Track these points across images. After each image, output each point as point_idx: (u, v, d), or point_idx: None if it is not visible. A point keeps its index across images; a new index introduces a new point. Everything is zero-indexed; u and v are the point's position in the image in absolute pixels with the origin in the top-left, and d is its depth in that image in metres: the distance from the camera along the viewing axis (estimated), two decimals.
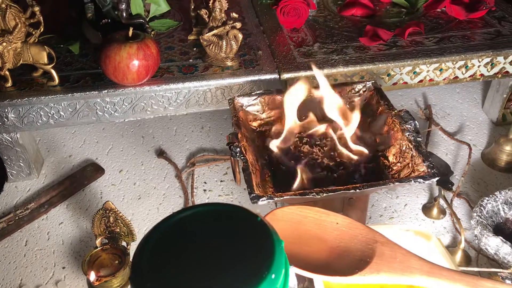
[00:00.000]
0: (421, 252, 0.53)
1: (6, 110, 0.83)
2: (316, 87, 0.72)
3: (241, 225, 0.42)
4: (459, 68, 0.91)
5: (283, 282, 0.40)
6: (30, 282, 0.76)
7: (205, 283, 0.37)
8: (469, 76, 0.92)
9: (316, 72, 0.71)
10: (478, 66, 0.91)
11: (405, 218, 0.84)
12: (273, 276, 0.38)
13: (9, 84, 0.84)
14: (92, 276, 0.68)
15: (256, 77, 0.87)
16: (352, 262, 0.51)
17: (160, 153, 0.99)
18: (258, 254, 0.39)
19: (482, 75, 0.93)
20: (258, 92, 0.78)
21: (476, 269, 0.71)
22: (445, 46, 0.91)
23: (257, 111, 0.78)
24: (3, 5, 0.78)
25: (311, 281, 0.59)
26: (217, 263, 0.39)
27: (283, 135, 0.71)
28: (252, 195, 0.62)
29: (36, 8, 0.80)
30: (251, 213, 0.43)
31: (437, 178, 0.63)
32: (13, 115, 0.84)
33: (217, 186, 0.92)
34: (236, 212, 0.43)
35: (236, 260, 0.39)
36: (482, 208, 0.75)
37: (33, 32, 0.82)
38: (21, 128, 0.86)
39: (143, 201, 0.89)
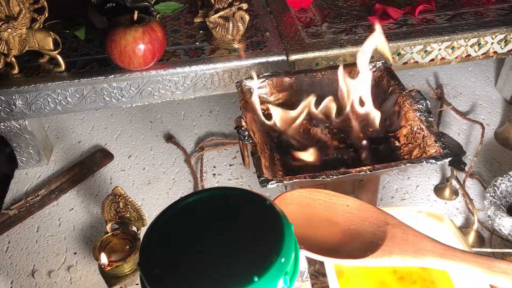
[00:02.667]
0: (434, 234, 0.52)
1: (14, 97, 0.83)
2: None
3: (250, 209, 0.41)
4: (471, 46, 0.89)
5: (293, 265, 0.39)
6: (42, 267, 0.76)
7: (214, 268, 0.37)
8: (482, 54, 0.90)
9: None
10: (492, 43, 0.89)
11: (417, 200, 0.83)
12: (282, 260, 0.37)
13: (16, 71, 0.83)
14: (104, 260, 0.68)
15: (263, 59, 0.85)
16: (363, 244, 0.50)
17: (169, 138, 0.99)
18: (268, 238, 0.39)
19: (495, 52, 0.90)
20: (266, 74, 0.77)
21: (489, 250, 0.70)
22: (457, 24, 0.89)
23: (265, 94, 0.77)
24: None
25: (322, 264, 0.59)
26: (226, 247, 0.38)
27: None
28: (261, 178, 0.61)
29: None
30: (260, 197, 0.42)
31: (449, 159, 0.61)
32: (20, 102, 0.83)
33: (227, 170, 0.91)
34: (245, 196, 0.43)
35: (245, 245, 0.39)
36: (495, 188, 0.74)
37: (38, 18, 0.81)
38: (29, 115, 0.85)
39: (153, 186, 0.89)
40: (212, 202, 0.43)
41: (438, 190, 0.84)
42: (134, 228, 0.74)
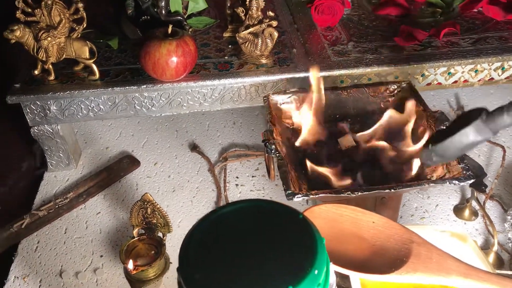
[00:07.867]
0: (457, 254, 0.53)
1: (49, 102, 0.86)
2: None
3: (284, 222, 0.43)
4: (495, 70, 0.90)
5: (325, 278, 0.41)
6: (70, 268, 0.79)
7: (250, 276, 0.39)
8: (505, 78, 0.92)
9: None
10: None
11: (436, 219, 0.84)
12: (316, 272, 0.39)
13: (52, 77, 0.87)
14: (131, 265, 0.71)
15: (290, 75, 0.88)
16: (388, 261, 0.51)
17: (194, 147, 1.01)
18: (302, 250, 0.40)
19: None
20: (292, 90, 0.79)
21: (509, 272, 0.71)
22: (481, 47, 0.91)
23: (292, 109, 0.79)
24: (49, 2, 0.81)
25: (342, 277, 0.60)
26: (262, 257, 0.40)
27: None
28: (287, 191, 0.63)
29: (80, 5, 0.82)
30: (293, 210, 0.44)
31: (472, 180, 0.63)
32: (55, 108, 0.87)
33: (249, 181, 0.93)
34: (279, 208, 0.45)
35: (280, 255, 0.40)
36: None
37: (76, 28, 0.85)
38: (62, 120, 0.89)
39: (177, 193, 0.92)
40: (248, 213, 0.45)
41: (458, 210, 0.85)
42: (160, 234, 0.76)
